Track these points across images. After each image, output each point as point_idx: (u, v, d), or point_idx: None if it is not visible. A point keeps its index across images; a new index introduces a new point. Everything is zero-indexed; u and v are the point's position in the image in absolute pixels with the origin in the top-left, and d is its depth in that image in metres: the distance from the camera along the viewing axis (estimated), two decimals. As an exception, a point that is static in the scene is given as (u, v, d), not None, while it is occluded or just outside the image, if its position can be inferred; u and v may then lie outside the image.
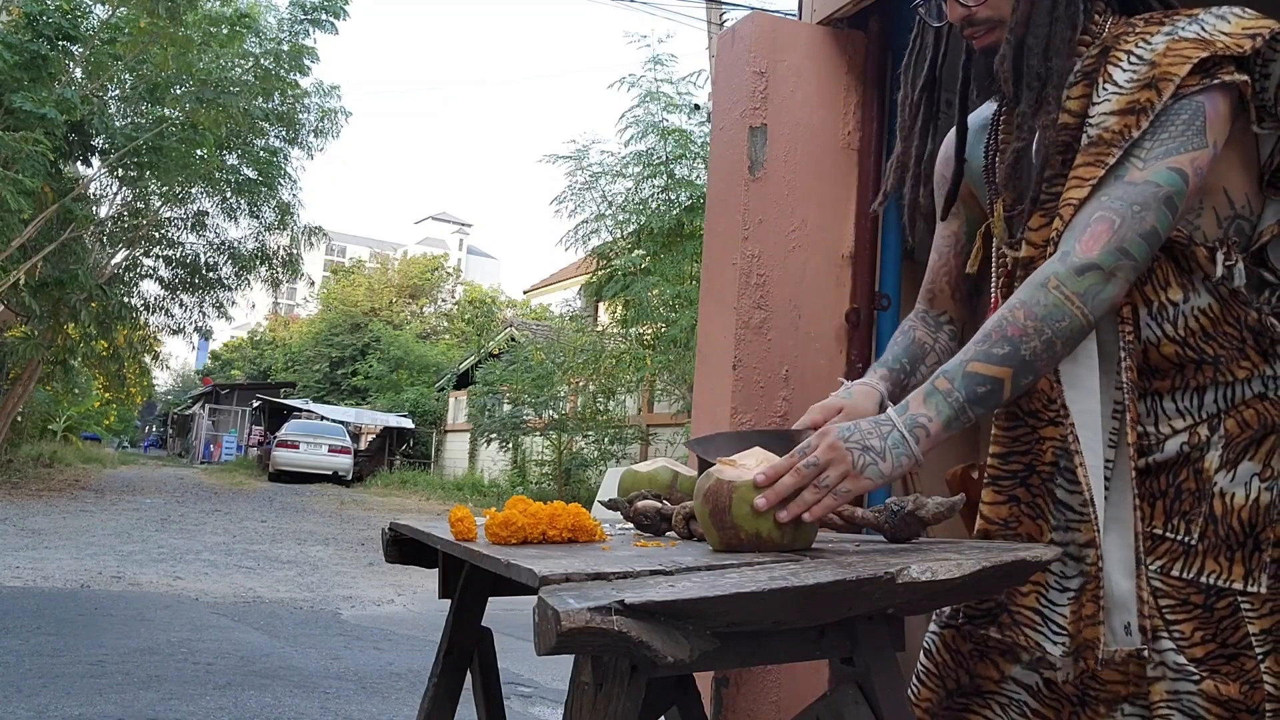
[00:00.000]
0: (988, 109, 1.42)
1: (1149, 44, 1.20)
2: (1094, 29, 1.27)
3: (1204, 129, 1.15)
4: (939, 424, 1.11)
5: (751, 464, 1.09)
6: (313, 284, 34.38)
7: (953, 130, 1.44)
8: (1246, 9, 1.19)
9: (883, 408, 1.37)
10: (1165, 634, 1.17)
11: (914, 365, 1.48)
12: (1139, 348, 1.22)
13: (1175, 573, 1.18)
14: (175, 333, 17.12)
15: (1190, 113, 1.15)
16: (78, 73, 11.96)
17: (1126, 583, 1.17)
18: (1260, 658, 1.14)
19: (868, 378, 1.45)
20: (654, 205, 12.40)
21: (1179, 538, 1.18)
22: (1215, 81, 1.15)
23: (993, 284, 1.39)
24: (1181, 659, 1.15)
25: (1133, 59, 1.20)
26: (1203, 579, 1.17)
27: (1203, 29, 1.18)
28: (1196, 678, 1.15)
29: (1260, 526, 1.17)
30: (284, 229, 16.80)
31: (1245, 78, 1.16)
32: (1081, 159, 1.20)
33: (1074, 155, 1.22)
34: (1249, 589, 1.16)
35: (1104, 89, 1.21)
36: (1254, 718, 1.14)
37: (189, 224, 15.73)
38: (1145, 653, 1.16)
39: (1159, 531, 1.19)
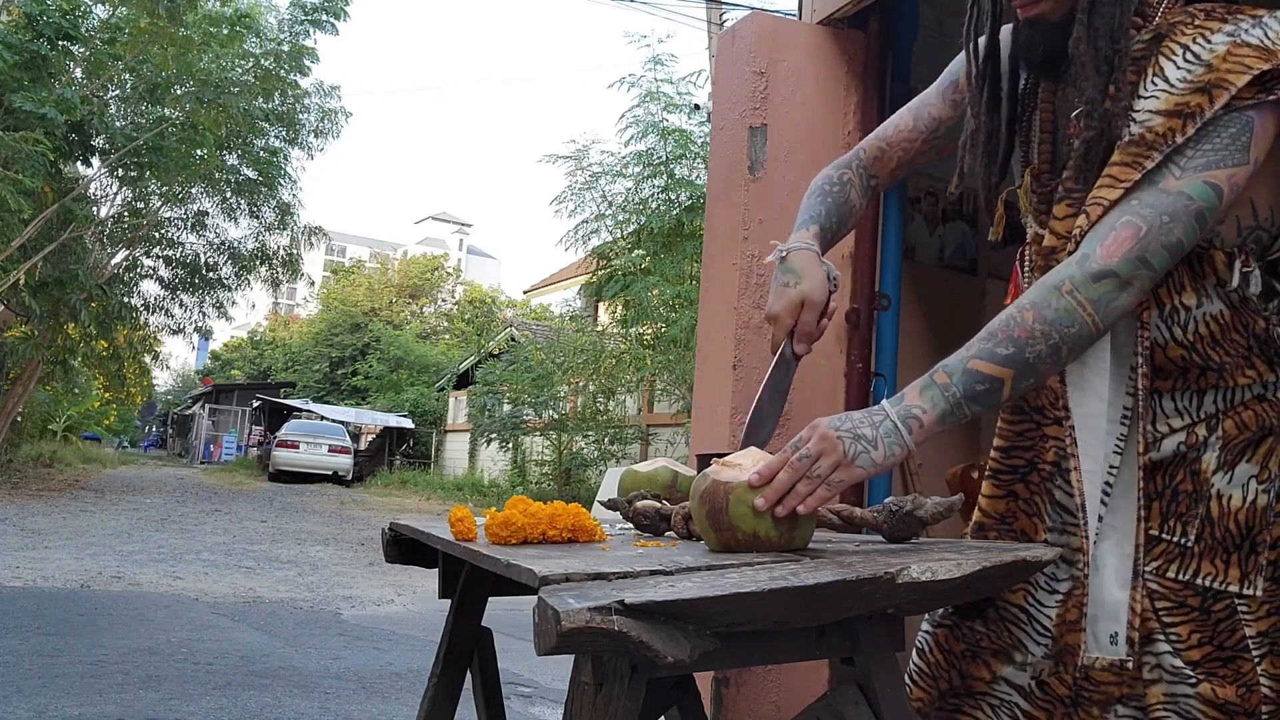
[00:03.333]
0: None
1: (1208, 43, 1.13)
2: (1148, 11, 1.20)
3: (1248, 145, 1.10)
4: (933, 416, 1.10)
5: (747, 464, 1.09)
6: (313, 284, 34.39)
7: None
8: None
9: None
10: (1161, 636, 1.16)
11: (841, 226, 1.47)
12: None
13: (1171, 574, 1.17)
14: (175, 333, 17.14)
15: (1238, 127, 1.10)
16: (78, 73, 11.96)
17: (1120, 593, 1.15)
18: (1257, 660, 1.14)
19: (801, 238, 1.43)
20: (654, 205, 12.39)
21: (1175, 539, 1.17)
22: (1270, 97, 1.10)
23: (1021, 261, 1.35)
24: (1178, 661, 1.15)
25: (1189, 56, 1.14)
26: (1199, 581, 1.16)
27: (1266, 35, 1.11)
28: (1193, 680, 1.14)
29: (1257, 529, 1.16)
30: (284, 229, 16.81)
31: None
32: (1118, 156, 1.14)
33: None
34: (1245, 591, 1.15)
35: (1153, 83, 1.15)
36: None
37: (189, 224, 15.75)
38: (1129, 664, 1.15)
39: (1155, 533, 1.18)
